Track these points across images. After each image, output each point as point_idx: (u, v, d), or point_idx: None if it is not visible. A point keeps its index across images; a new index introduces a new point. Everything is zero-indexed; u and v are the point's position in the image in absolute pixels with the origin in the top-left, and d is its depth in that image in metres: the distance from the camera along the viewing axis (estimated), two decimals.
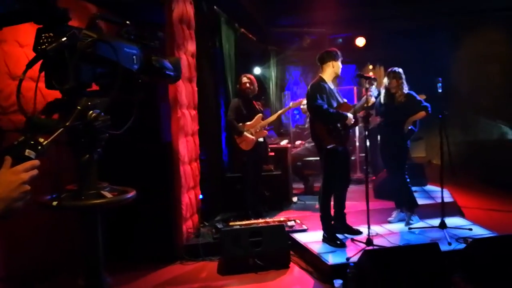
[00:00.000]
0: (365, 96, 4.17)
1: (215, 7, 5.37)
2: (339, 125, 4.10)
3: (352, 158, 8.19)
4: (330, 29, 9.34)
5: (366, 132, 3.97)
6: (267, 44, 8.78)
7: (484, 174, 7.61)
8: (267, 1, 8.57)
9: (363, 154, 8.28)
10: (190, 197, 4.54)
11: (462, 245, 3.82)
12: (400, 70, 4.75)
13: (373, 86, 4.55)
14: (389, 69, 4.77)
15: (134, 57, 1.68)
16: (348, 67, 10.18)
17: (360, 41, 9.29)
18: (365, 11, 9.05)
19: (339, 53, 4.26)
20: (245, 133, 4.96)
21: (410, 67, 7.90)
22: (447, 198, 5.77)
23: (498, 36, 8.43)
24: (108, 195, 1.58)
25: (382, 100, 4.77)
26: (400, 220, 4.73)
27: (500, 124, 8.24)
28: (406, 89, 4.71)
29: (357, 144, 8.02)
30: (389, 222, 4.76)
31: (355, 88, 8.25)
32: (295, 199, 6.10)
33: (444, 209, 4.42)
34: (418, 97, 4.67)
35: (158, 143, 4.15)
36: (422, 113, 4.59)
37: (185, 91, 4.42)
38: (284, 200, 5.83)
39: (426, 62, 8.57)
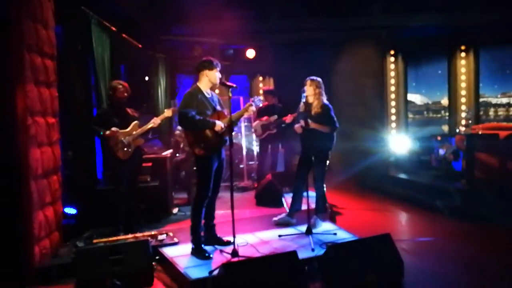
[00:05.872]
0: (246, 106, 4.15)
1: (82, 7, 4.98)
2: (208, 132, 4.03)
3: (241, 166, 8.26)
4: (222, 39, 9.38)
5: (228, 142, 3.91)
6: (155, 52, 8.50)
7: (359, 178, 8.19)
8: (157, 9, 8.34)
9: (251, 162, 8.48)
10: (47, 214, 4.09)
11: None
12: (319, 79, 4.77)
13: (259, 97, 4.56)
14: (308, 78, 4.79)
15: None
16: (239, 78, 10.32)
17: (250, 53, 9.44)
18: (255, 23, 9.28)
19: (215, 62, 4.16)
20: (113, 129, 4.64)
21: (296, 79, 8.26)
22: None
23: (371, 52, 9.15)
24: None
25: (300, 109, 4.78)
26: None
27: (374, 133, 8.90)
28: (324, 100, 4.75)
29: (244, 153, 8.08)
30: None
31: (241, 98, 8.33)
32: (175, 210, 5.89)
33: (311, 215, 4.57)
34: (332, 113, 4.73)
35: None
36: (325, 127, 4.66)
37: (40, 97, 3.99)
38: (163, 212, 5.59)
39: (312, 74, 8.97)
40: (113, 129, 4.69)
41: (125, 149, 4.75)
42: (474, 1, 8.49)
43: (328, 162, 4.89)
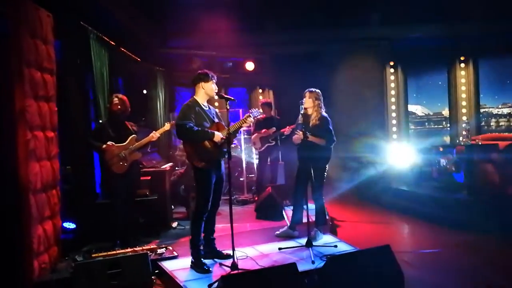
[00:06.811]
0: (244, 117, 4.15)
1: (81, 22, 5.03)
2: (208, 143, 4.02)
3: (241, 179, 8.24)
4: (221, 52, 9.45)
5: (227, 155, 3.89)
6: (154, 65, 8.54)
7: (359, 190, 8.16)
8: (155, 22, 8.42)
9: (251, 175, 8.46)
10: (46, 228, 4.07)
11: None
12: (318, 91, 4.78)
13: (256, 109, 4.57)
14: (307, 89, 4.81)
15: None
16: (238, 90, 10.36)
17: (250, 66, 9.48)
18: (254, 36, 9.35)
19: (210, 74, 4.18)
20: (108, 143, 4.64)
21: (295, 91, 8.28)
22: None
23: (371, 64, 9.19)
24: None
25: (299, 121, 4.78)
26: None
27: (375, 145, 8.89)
28: (323, 112, 4.75)
29: (244, 166, 8.06)
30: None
31: (240, 110, 8.35)
32: (175, 224, 5.85)
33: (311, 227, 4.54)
34: (330, 126, 4.72)
35: None
36: (322, 140, 4.66)
37: (39, 111, 4.01)
38: (162, 226, 5.55)
39: (311, 86, 8.99)
40: (109, 143, 4.70)
41: (121, 163, 4.73)
42: (473, 12, 8.55)
43: (325, 173, 4.88)
